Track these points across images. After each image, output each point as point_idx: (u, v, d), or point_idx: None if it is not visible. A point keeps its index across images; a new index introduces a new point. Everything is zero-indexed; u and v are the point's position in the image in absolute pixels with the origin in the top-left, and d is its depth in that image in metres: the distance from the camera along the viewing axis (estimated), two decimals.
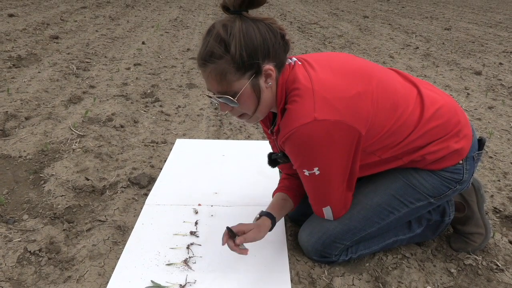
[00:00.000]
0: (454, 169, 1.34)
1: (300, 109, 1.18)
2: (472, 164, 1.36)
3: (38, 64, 4.00)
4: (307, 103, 1.17)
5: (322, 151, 1.19)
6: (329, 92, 1.18)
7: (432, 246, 1.61)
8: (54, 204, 1.80)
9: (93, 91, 3.32)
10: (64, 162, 2.14)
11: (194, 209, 1.77)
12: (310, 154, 1.20)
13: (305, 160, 1.23)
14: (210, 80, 1.19)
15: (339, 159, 1.23)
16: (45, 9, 7.42)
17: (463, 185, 1.39)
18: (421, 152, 1.31)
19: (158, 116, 2.86)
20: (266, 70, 1.18)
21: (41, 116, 2.74)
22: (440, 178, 1.35)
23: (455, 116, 1.34)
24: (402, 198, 1.38)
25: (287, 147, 1.24)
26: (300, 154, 1.22)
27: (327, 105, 1.16)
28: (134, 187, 1.96)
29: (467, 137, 1.35)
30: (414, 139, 1.29)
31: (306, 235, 1.48)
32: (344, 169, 1.27)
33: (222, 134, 2.62)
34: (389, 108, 1.25)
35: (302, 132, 1.16)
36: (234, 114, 1.28)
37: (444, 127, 1.31)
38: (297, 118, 1.17)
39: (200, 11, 8.70)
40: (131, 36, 5.67)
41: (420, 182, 1.36)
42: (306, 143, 1.18)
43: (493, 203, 1.93)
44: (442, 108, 1.33)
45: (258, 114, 1.27)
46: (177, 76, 3.88)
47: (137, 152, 2.31)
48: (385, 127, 1.25)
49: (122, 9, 8.13)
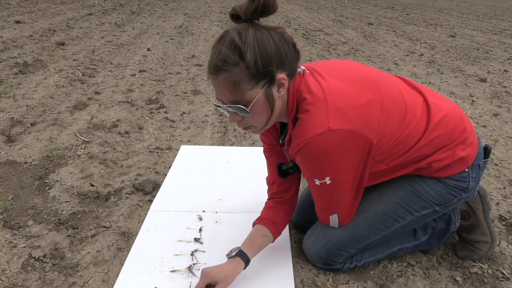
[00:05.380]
0: (460, 177, 1.33)
1: (314, 119, 1.16)
2: (478, 172, 1.36)
3: (44, 70, 4.03)
4: (320, 112, 1.16)
5: (335, 160, 1.18)
6: (341, 101, 1.17)
7: (437, 254, 1.60)
8: (59, 210, 1.80)
9: (98, 97, 3.34)
10: (69, 168, 2.15)
11: (198, 216, 1.77)
12: (323, 164, 1.20)
13: (318, 170, 1.22)
14: (221, 89, 1.15)
15: (351, 168, 1.22)
16: (51, 16, 7.49)
17: (469, 193, 1.38)
18: (428, 160, 1.30)
19: (163, 122, 2.87)
20: (279, 79, 1.16)
21: (46, 122, 2.75)
22: (446, 186, 1.34)
23: (461, 124, 1.34)
24: (407, 206, 1.38)
25: (299, 157, 1.23)
26: (313, 164, 1.21)
27: (341, 114, 1.15)
28: (138, 193, 1.97)
29: (472, 144, 1.34)
30: (421, 147, 1.28)
31: (311, 243, 1.48)
32: (354, 178, 1.26)
33: (226, 140, 2.63)
34: (397, 116, 1.24)
35: (316, 142, 1.15)
36: (243, 125, 1.24)
37: (450, 134, 1.31)
38: (311, 128, 1.16)
39: (205, 18, 8.75)
40: (137, 42, 5.70)
41: (426, 190, 1.35)
42: (320, 153, 1.17)
43: (498, 211, 1.91)
44: (448, 116, 1.32)
45: (268, 124, 1.25)
46: (182, 82, 3.90)
47: (142, 158, 2.32)
48: (395, 135, 1.25)
49: (127, 16, 8.20)
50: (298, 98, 1.22)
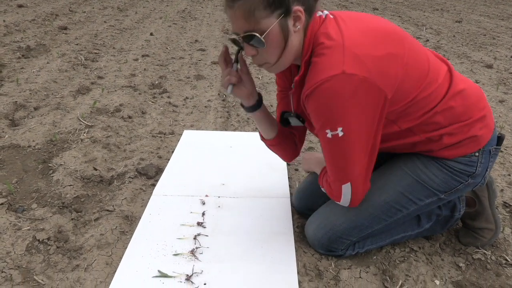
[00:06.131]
0: (468, 160, 1.30)
1: (328, 61, 1.12)
2: (487, 158, 1.31)
3: (47, 54, 4.01)
4: (336, 56, 1.11)
5: (348, 108, 1.12)
6: (360, 49, 1.12)
7: (440, 240, 1.60)
8: (62, 193, 1.81)
9: (101, 81, 3.33)
10: (73, 152, 2.15)
11: (201, 200, 1.77)
12: (335, 110, 1.13)
13: (330, 118, 1.15)
14: (237, 18, 1.13)
15: (364, 120, 1.15)
16: (54, 0, 7.43)
17: (476, 180, 1.34)
18: (440, 131, 1.26)
19: (165, 107, 2.86)
20: (295, 12, 1.13)
21: (50, 106, 2.75)
22: (451, 172, 1.31)
23: (480, 101, 1.30)
24: (411, 195, 1.36)
25: (310, 103, 1.16)
26: (325, 109, 1.14)
27: (357, 60, 1.10)
28: (141, 178, 1.97)
29: (488, 126, 1.30)
30: (436, 113, 1.23)
31: (313, 229, 1.48)
32: (367, 135, 1.19)
33: (229, 125, 2.62)
34: (418, 75, 1.19)
35: (329, 85, 1.10)
36: (257, 60, 1.21)
37: (468, 109, 1.26)
38: (324, 69, 1.11)
39: (208, 2, 8.66)
40: (139, 27, 5.66)
41: (430, 177, 1.33)
42: (333, 96, 1.11)
43: (503, 198, 1.91)
44: (469, 89, 1.28)
45: (282, 60, 1.20)
46: (185, 67, 3.87)
47: (145, 143, 2.31)
48: (411, 94, 1.19)
49: (130, 0, 8.12)
50: (314, 41, 1.18)
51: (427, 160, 1.34)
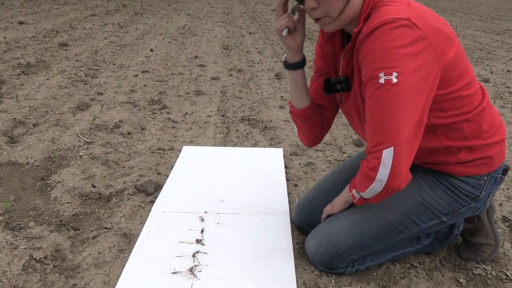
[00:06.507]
0: (476, 183, 1.30)
1: (393, 8, 1.10)
2: (492, 185, 1.33)
3: (47, 71, 4.04)
4: (402, 6, 1.10)
5: (406, 55, 1.06)
6: (424, 13, 1.12)
7: (440, 256, 1.59)
8: (60, 211, 1.80)
9: (101, 98, 3.34)
10: (71, 169, 2.15)
11: (200, 217, 1.76)
12: (394, 52, 1.07)
13: (387, 59, 1.08)
14: None
15: (419, 76, 1.09)
16: (54, 17, 7.52)
17: (478, 204, 1.35)
18: (461, 143, 1.25)
19: (165, 123, 2.87)
20: None
21: (49, 123, 2.76)
22: (456, 194, 1.32)
23: (502, 126, 1.32)
24: (415, 217, 1.35)
25: (369, 43, 1.10)
26: (383, 50, 1.08)
27: (421, 19, 1.09)
28: (140, 194, 1.96)
29: (502, 153, 1.32)
30: (466, 120, 1.23)
31: (314, 246, 1.46)
32: (420, 95, 1.11)
33: (229, 141, 2.62)
34: (462, 70, 1.19)
35: (393, 26, 1.06)
36: (318, 14, 1.18)
37: (493, 128, 1.28)
38: (389, 13, 1.08)
39: (208, 18, 8.75)
40: (140, 43, 5.71)
41: (434, 199, 1.33)
42: (394, 38, 1.06)
43: (502, 212, 1.90)
44: (495, 111, 1.32)
45: (342, 16, 1.18)
46: (185, 83, 3.89)
47: (144, 159, 2.31)
48: (454, 86, 1.18)
49: (130, 17, 8.21)
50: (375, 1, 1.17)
51: (432, 181, 1.35)
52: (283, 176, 2.13)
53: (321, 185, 1.69)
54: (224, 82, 3.99)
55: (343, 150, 2.55)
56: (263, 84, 3.99)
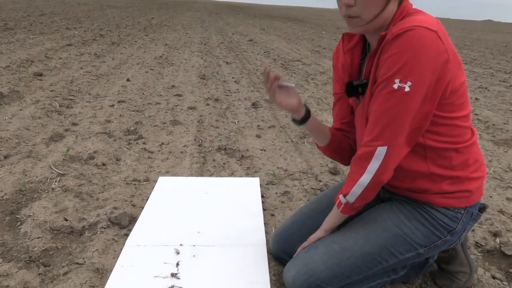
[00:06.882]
0: (453, 215, 1.34)
1: (424, 18, 1.16)
2: (468, 219, 1.36)
3: (21, 101, 3.97)
4: (431, 20, 1.16)
5: (427, 66, 1.12)
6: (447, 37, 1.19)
7: (416, 283, 1.60)
8: (30, 246, 1.74)
9: (75, 128, 3.30)
10: (43, 202, 2.09)
11: (175, 250, 1.73)
12: (415, 61, 1.12)
13: (406, 66, 1.13)
14: None
15: (430, 90, 1.16)
16: (30, 46, 7.45)
17: (453, 238, 1.37)
18: (447, 172, 1.30)
19: (141, 153, 2.85)
20: None
21: (20, 154, 2.69)
22: (433, 225, 1.34)
23: (484, 165, 1.38)
24: (393, 248, 1.36)
25: (394, 45, 1.14)
26: (406, 57, 1.12)
27: (445, 38, 1.16)
28: (114, 227, 1.92)
29: (481, 190, 1.37)
30: (457, 150, 1.28)
31: (292, 276, 1.45)
32: (425, 107, 1.18)
33: (205, 171, 2.61)
34: (461, 103, 1.25)
35: (421, 33, 1.11)
36: (352, 11, 1.21)
37: (477, 164, 1.34)
38: (419, 21, 1.13)
39: (185, 48, 8.84)
40: (116, 73, 5.70)
41: (412, 230, 1.35)
42: (419, 47, 1.11)
43: (474, 238, 1.93)
44: (480, 151, 1.38)
45: (374, 22, 1.22)
46: (161, 113, 3.89)
47: (119, 191, 2.28)
48: (450, 113, 1.24)
49: (107, 47, 8.22)
50: (406, 12, 1.23)
51: (410, 213, 1.38)
52: (259, 206, 2.13)
53: (298, 213, 1.70)
54: (201, 112, 4.01)
55: (319, 179, 2.57)
56: (240, 113, 4.02)
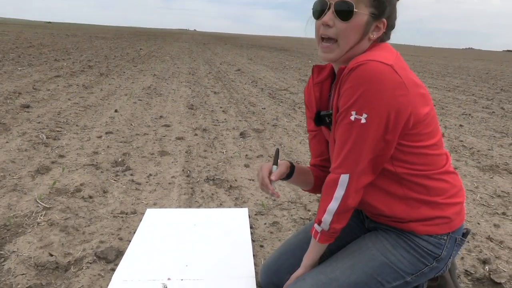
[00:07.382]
0: (437, 242, 1.34)
1: (381, 54, 1.20)
2: (452, 245, 1.36)
3: (7, 133, 3.94)
4: (389, 55, 1.21)
5: (381, 99, 1.17)
6: (407, 69, 1.24)
7: None
8: (13, 284, 1.70)
9: (62, 160, 3.27)
10: (27, 237, 2.05)
11: (163, 284, 1.70)
12: (369, 94, 1.17)
13: (361, 100, 1.18)
14: None
15: (385, 122, 1.20)
16: (17, 78, 7.45)
17: (440, 265, 1.37)
18: (424, 197, 1.31)
19: (128, 185, 2.82)
20: (381, 22, 1.26)
21: (5, 188, 2.66)
22: (418, 253, 1.34)
23: (462, 191, 1.39)
24: (380, 277, 1.36)
25: (350, 79, 1.19)
26: (360, 89, 1.17)
27: (403, 71, 1.20)
28: (100, 262, 1.88)
29: (461, 216, 1.38)
30: (430, 178, 1.31)
31: None
32: (382, 138, 1.23)
33: (193, 202, 2.60)
34: (429, 132, 1.28)
35: (376, 67, 1.16)
36: (329, 32, 1.26)
37: (454, 190, 1.35)
38: (376, 56, 1.18)
39: (173, 79, 8.92)
40: (104, 104, 5.71)
41: (398, 258, 1.35)
42: (372, 78, 1.16)
43: (464, 266, 1.94)
44: (457, 176, 1.40)
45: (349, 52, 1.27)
46: (149, 143, 3.89)
47: (105, 224, 2.25)
48: (417, 142, 1.27)
49: (96, 78, 8.26)
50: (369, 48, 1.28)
51: (395, 241, 1.38)
52: (248, 237, 2.12)
53: (286, 244, 1.69)
54: (189, 142, 4.02)
55: (308, 208, 2.57)
56: (228, 143, 4.04)
